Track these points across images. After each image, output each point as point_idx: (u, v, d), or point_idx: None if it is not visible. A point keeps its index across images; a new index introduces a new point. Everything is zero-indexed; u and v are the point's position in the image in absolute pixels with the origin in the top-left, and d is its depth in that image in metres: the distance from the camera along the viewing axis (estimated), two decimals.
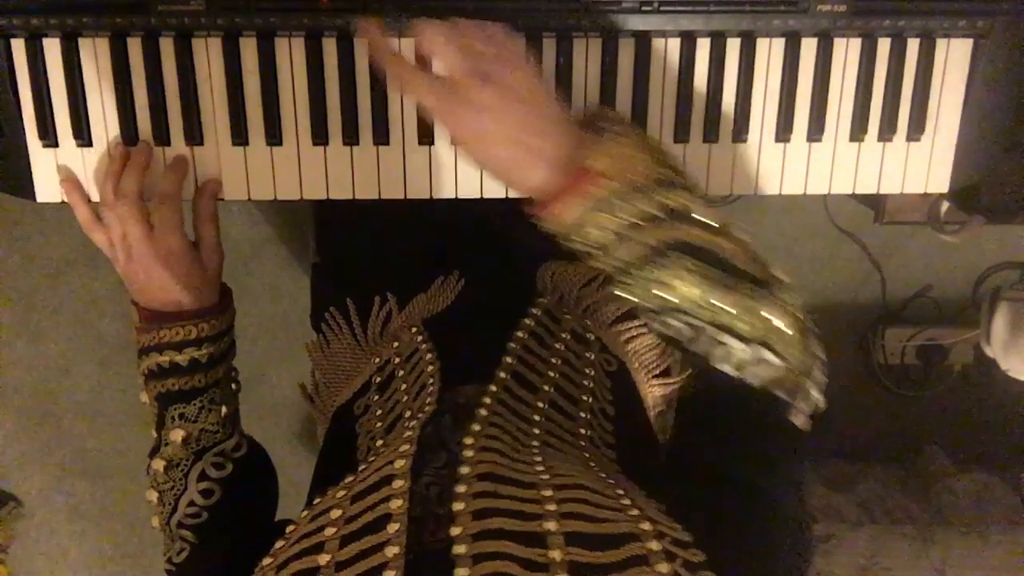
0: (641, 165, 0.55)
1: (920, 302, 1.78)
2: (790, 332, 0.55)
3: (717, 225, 0.55)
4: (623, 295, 0.57)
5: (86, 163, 0.70)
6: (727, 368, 0.55)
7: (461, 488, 0.50)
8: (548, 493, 0.49)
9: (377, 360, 0.77)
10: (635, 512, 0.49)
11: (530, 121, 0.54)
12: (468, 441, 0.56)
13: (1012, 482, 1.61)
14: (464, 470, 0.52)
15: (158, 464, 0.70)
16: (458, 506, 0.49)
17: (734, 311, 0.54)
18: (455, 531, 0.46)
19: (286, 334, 1.71)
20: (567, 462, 0.58)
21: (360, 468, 0.58)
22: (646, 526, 0.47)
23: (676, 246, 0.54)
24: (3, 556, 1.75)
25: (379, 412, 0.70)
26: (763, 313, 0.54)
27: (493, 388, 0.64)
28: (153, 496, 0.70)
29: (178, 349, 0.69)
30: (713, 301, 0.54)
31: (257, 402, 1.74)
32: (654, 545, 0.45)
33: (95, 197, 0.70)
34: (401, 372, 0.72)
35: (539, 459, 0.56)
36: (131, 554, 1.85)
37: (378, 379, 0.74)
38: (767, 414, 0.56)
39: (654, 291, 0.55)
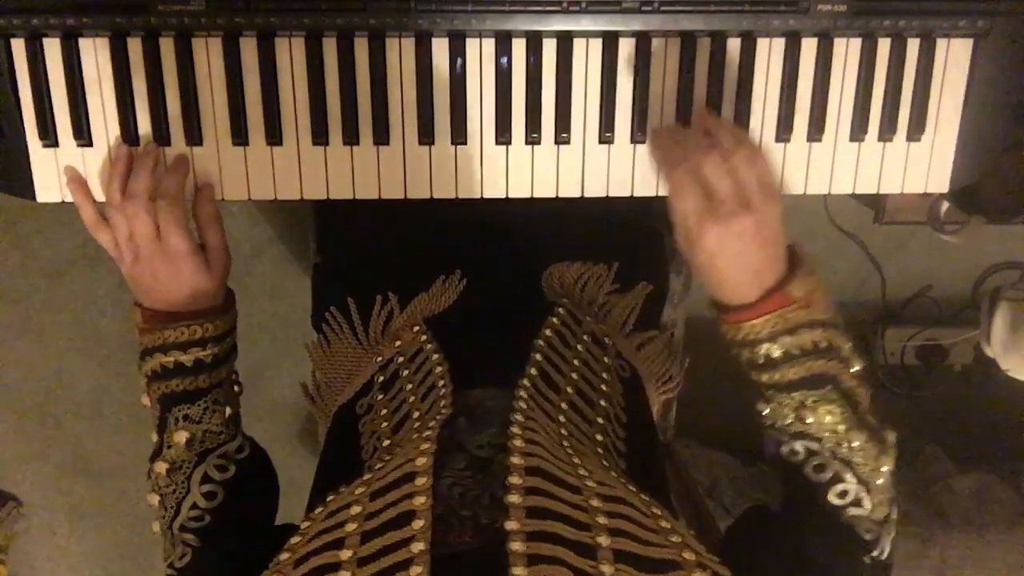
0: (822, 303, 0.62)
1: (920, 302, 1.77)
2: (882, 483, 0.63)
3: (859, 370, 0.63)
4: (767, 412, 0.65)
5: (86, 163, 0.70)
6: (834, 498, 0.62)
7: (515, 479, 0.51)
8: (597, 504, 0.50)
9: (379, 359, 0.77)
10: (677, 539, 0.50)
11: (766, 253, 0.61)
12: (515, 431, 0.57)
13: (1012, 482, 1.61)
14: (515, 460, 0.53)
15: (160, 467, 0.69)
16: (513, 498, 0.49)
17: (860, 451, 0.62)
18: (511, 525, 0.47)
19: (286, 334, 1.71)
20: (600, 468, 0.58)
21: (376, 467, 0.58)
22: (688, 555, 0.48)
23: (829, 380, 0.61)
24: (3, 556, 1.75)
25: (384, 412, 0.70)
26: (881, 459, 0.62)
27: (526, 382, 0.65)
28: (155, 500, 0.70)
29: (183, 349, 0.68)
30: (850, 436, 0.62)
31: (257, 402, 1.74)
32: (698, 575, 0.46)
33: (99, 197, 0.70)
34: (406, 372, 0.72)
35: (577, 460, 0.57)
36: (131, 554, 1.84)
37: (381, 378, 0.74)
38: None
39: (799, 414, 0.62)
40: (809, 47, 0.70)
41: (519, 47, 0.69)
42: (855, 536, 0.62)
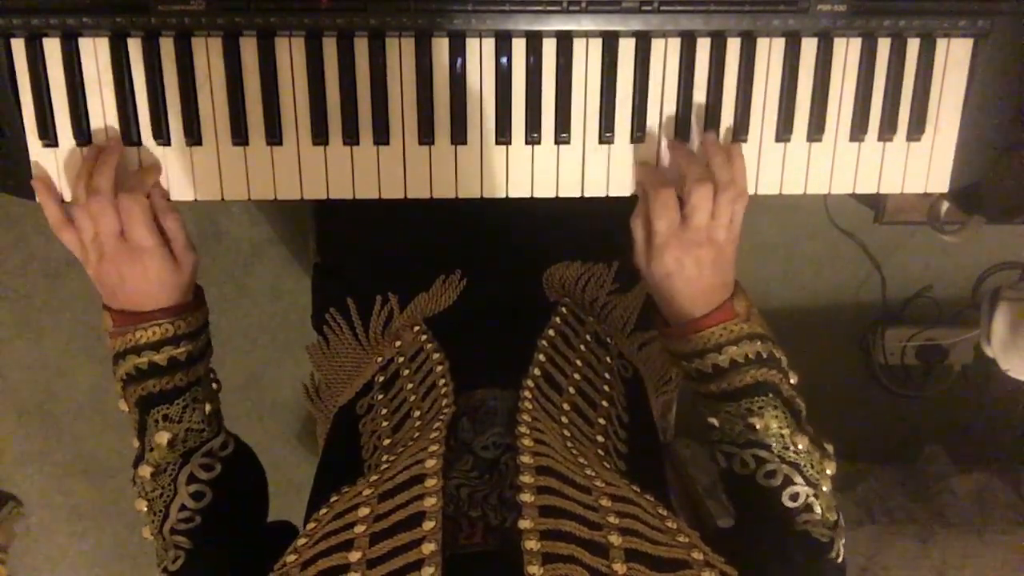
0: (760, 320, 0.69)
1: (920, 302, 1.78)
2: (828, 489, 0.66)
3: (795, 383, 0.68)
4: (717, 425, 0.69)
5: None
6: (787, 501, 0.65)
7: (526, 479, 0.51)
8: (606, 503, 0.51)
9: (379, 360, 0.77)
10: (684, 539, 0.51)
11: (716, 280, 0.67)
12: (523, 430, 0.57)
13: (1012, 482, 1.61)
14: (525, 459, 0.53)
15: (144, 471, 0.68)
16: (525, 497, 0.49)
17: (806, 454, 0.66)
18: (525, 524, 0.47)
19: (286, 334, 1.71)
20: (602, 469, 0.59)
21: (382, 467, 0.58)
22: (697, 555, 0.49)
23: (771, 387, 0.66)
24: (3, 556, 1.75)
25: (384, 411, 0.70)
26: (824, 463, 0.66)
27: (530, 382, 0.65)
28: (142, 506, 0.69)
29: (156, 349, 0.67)
30: (795, 440, 0.65)
31: (257, 402, 1.74)
32: (707, 575, 0.47)
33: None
34: (406, 371, 0.72)
35: (583, 461, 0.57)
36: (131, 554, 1.84)
37: (381, 378, 0.74)
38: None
39: (747, 420, 0.66)
40: (809, 47, 0.70)
41: (519, 47, 0.69)
42: (811, 539, 0.65)
